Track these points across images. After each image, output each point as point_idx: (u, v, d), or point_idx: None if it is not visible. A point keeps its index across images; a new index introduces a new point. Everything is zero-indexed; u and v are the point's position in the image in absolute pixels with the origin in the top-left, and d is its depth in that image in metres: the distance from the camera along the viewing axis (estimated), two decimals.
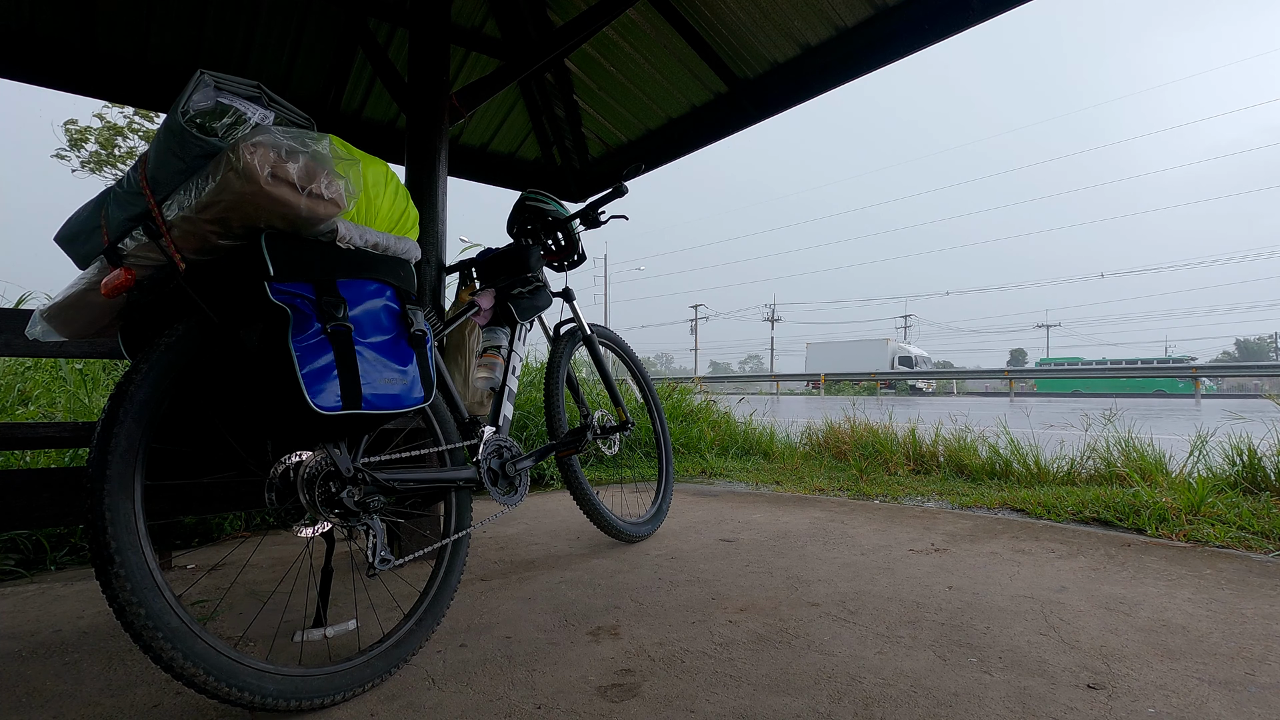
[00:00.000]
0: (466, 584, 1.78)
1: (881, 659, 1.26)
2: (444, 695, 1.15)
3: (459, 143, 3.67)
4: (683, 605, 1.58)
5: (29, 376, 3.18)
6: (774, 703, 1.10)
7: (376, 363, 1.13)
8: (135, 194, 1.08)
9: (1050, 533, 2.24)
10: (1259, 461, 2.63)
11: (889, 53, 2.56)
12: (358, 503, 1.20)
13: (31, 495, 1.44)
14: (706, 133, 3.32)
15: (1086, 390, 21.11)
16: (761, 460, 4.29)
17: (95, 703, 1.14)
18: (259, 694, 1.01)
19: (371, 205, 1.16)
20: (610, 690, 1.16)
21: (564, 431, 2.03)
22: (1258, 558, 1.89)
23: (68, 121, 11.76)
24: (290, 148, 1.00)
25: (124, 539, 0.93)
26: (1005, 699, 1.10)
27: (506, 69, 2.42)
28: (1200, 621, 1.42)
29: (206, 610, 1.60)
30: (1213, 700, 1.09)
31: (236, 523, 2.42)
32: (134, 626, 0.91)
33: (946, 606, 1.54)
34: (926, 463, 3.64)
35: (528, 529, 2.47)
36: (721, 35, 2.90)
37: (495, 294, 1.91)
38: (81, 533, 2.15)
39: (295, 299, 1.03)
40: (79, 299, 1.18)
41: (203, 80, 1.04)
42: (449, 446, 1.54)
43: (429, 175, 2.23)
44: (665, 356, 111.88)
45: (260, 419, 1.10)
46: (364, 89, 3.23)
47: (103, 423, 0.96)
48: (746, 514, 2.66)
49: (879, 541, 2.16)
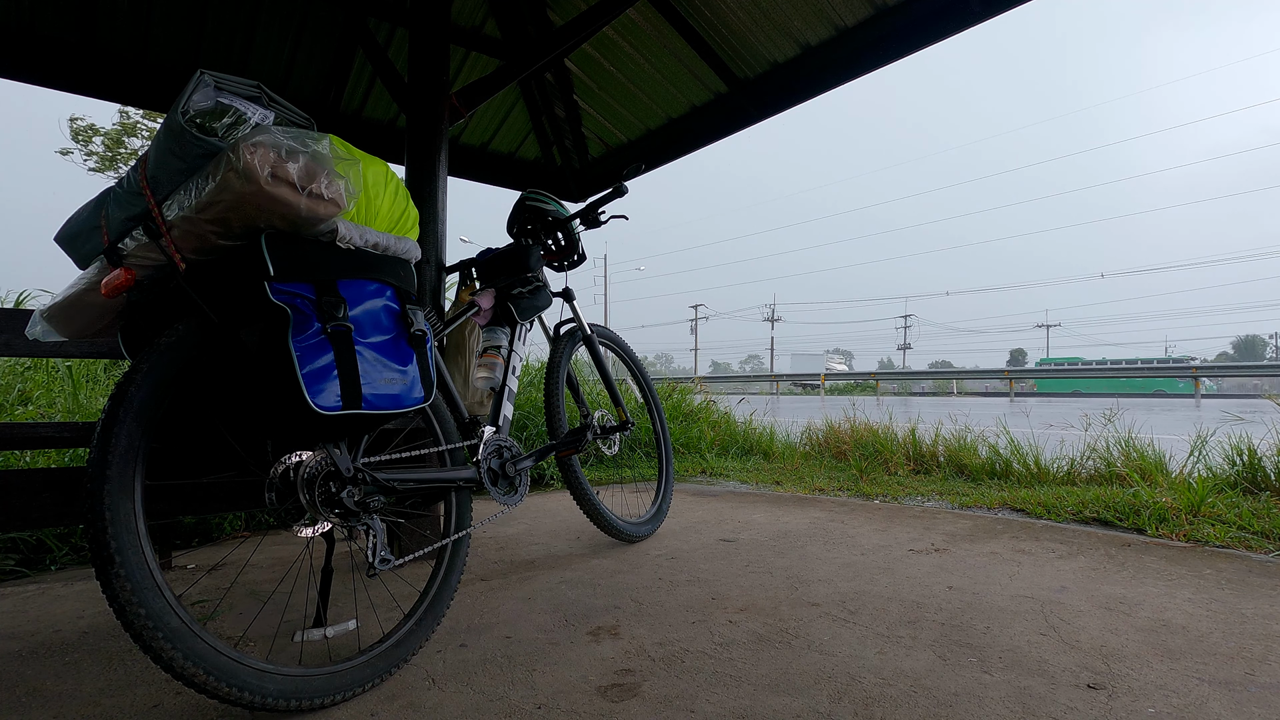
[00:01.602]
0: (467, 584, 1.78)
1: (881, 659, 1.26)
2: (444, 695, 1.15)
3: (459, 142, 3.67)
4: (683, 605, 1.58)
5: (29, 377, 3.18)
6: (774, 703, 1.10)
7: (376, 363, 1.13)
8: (135, 194, 1.08)
9: (1050, 533, 2.24)
10: (1259, 461, 2.63)
11: (889, 53, 2.56)
12: (358, 503, 1.20)
13: (31, 495, 1.44)
14: (706, 133, 3.32)
15: (1086, 390, 21.11)
16: (761, 460, 4.29)
17: (95, 703, 1.14)
18: (259, 694, 1.01)
19: (371, 205, 1.16)
20: (610, 690, 1.16)
21: (564, 431, 2.03)
22: (1258, 558, 1.89)
23: (73, 117, 11.77)
24: (290, 148, 1.00)
25: (124, 539, 0.93)
26: (1005, 699, 1.10)
27: (506, 69, 2.42)
28: (1200, 621, 1.42)
29: (206, 610, 1.60)
30: (1213, 700, 1.09)
31: (236, 523, 2.42)
32: (134, 626, 0.91)
33: (946, 606, 1.54)
34: (926, 463, 3.64)
35: (528, 529, 2.47)
36: (721, 35, 2.90)
37: (495, 294, 1.91)
38: (81, 533, 2.14)
39: (295, 299, 1.03)
40: (79, 299, 1.18)
41: (203, 80, 1.04)
42: (449, 446, 1.54)
43: (429, 175, 2.23)
44: (665, 356, 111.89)
45: (260, 419, 1.10)
46: (364, 89, 3.24)
47: (103, 423, 0.95)
48: (746, 514, 2.66)
49: (879, 541, 2.16)
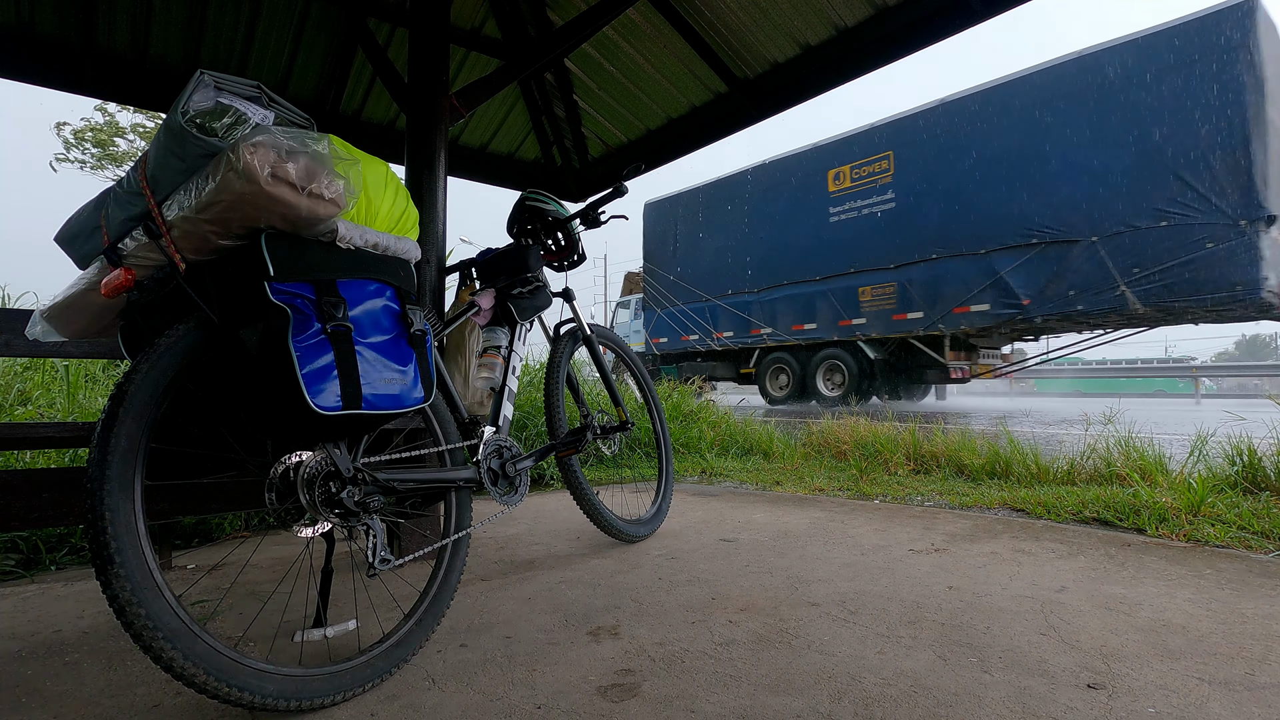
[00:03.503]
0: (466, 584, 1.78)
1: (882, 659, 1.26)
2: (444, 695, 1.15)
3: (459, 143, 3.67)
4: (683, 605, 1.58)
5: (28, 377, 3.18)
6: (774, 703, 1.10)
7: (376, 363, 1.13)
8: (135, 194, 1.08)
9: (1050, 533, 2.24)
10: (1259, 461, 2.63)
11: (889, 52, 2.56)
12: (358, 503, 1.20)
13: (31, 495, 1.44)
14: (706, 133, 3.32)
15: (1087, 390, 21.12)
16: (761, 460, 4.29)
17: (95, 703, 1.14)
18: (259, 694, 1.01)
19: (371, 205, 1.16)
20: (610, 690, 1.16)
21: (564, 431, 2.03)
22: (1258, 558, 1.89)
23: (59, 123, 11.73)
24: (290, 148, 1.00)
25: (124, 539, 0.93)
26: (1005, 699, 1.10)
27: (506, 69, 2.42)
28: (1200, 621, 1.42)
29: (206, 610, 1.60)
30: (1213, 700, 1.09)
31: (236, 523, 2.42)
32: (134, 627, 0.91)
33: (946, 606, 1.54)
34: (926, 463, 3.64)
35: (528, 529, 2.47)
36: (721, 35, 2.90)
37: (495, 294, 1.91)
38: (81, 533, 2.15)
39: (295, 299, 1.03)
40: (79, 299, 1.18)
41: (203, 80, 1.04)
42: (449, 446, 1.54)
43: (429, 175, 2.23)
44: None
45: (260, 419, 1.10)
46: (364, 89, 3.24)
47: (103, 423, 0.95)
48: (746, 514, 2.66)
49: (879, 541, 2.16)
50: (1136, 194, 6.73)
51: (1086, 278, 7.11)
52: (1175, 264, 6.52)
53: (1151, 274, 6.65)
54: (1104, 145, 7.01)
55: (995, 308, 7.94)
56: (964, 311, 8.16)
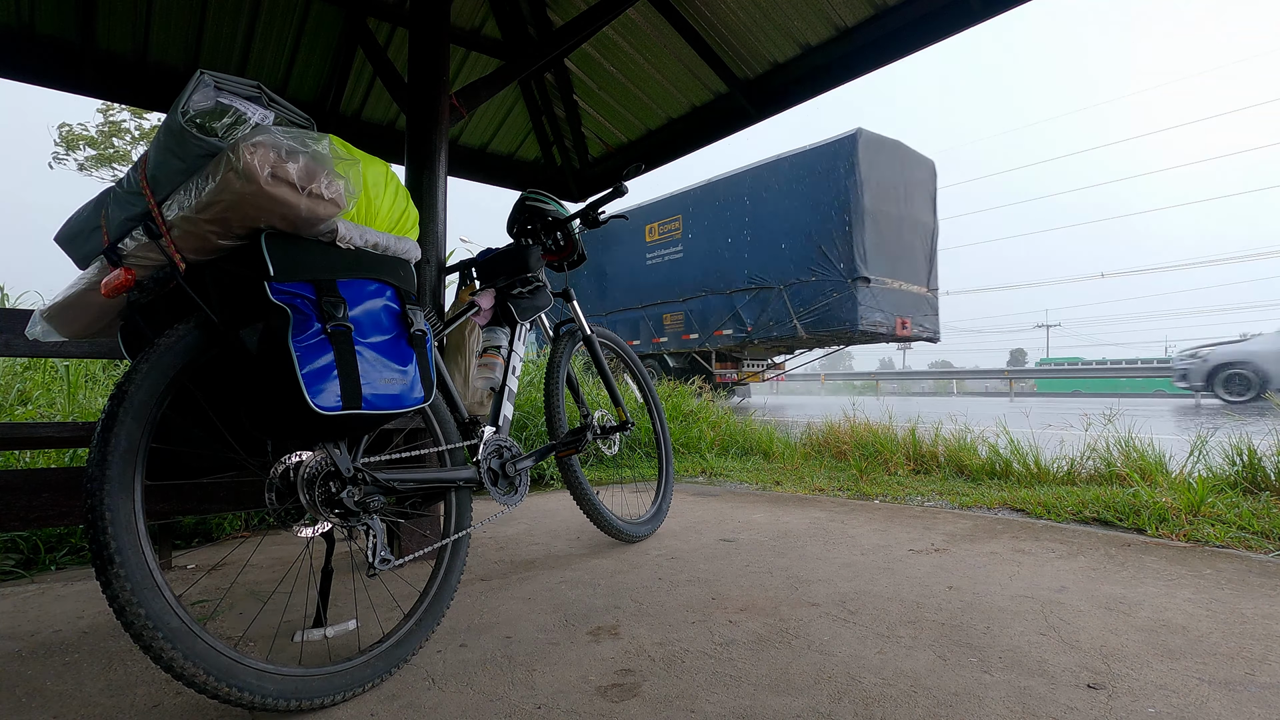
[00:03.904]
0: (466, 584, 1.78)
1: (882, 659, 1.26)
2: (444, 695, 1.15)
3: (459, 143, 3.67)
4: (683, 605, 1.58)
5: (29, 377, 3.18)
6: (774, 703, 1.10)
7: (376, 363, 1.13)
8: (135, 194, 1.08)
9: (1050, 533, 2.24)
10: (1259, 461, 2.63)
11: (889, 52, 2.56)
12: (358, 503, 1.20)
13: (31, 495, 1.44)
14: (706, 133, 3.32)
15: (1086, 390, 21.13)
16: (761, 460, 4.29)
17: (95, 703, 1.14)
18: (259, 694, 1.01)
19: (371, 205, 1.16)
20: (610, 690, 1.16)
21: (564, 431, 2.03)
22: (1258, 558, 1.89)
23: (60, 125, 11.76)
24: (290, 148, 1.00)
25: (124, 539, 0.93)
26: (1005, 699, 1.10)
27: (506, 69, 2.42)
28: (1200, 621, 1.42)
29: (206, 610, 1.60)
30: (1213, 700, 1.09)
31: (236, 523, 2.42)
32: (134, 626, 0.91)
33: (946, 606, 1.54)
34: (926, 463, 3.64)
35: (528, 529, 2.47)
36: (721, 35, 2.90)
37: (495, 294, 1.91)
38: (81, 533, 2.15)
39: (295, 299, 1.03)
40: (79, 299, 1.18)
41: (203, 80, 1.04)
42: (449, 446, 1.54)
43: (429, 175, 2.23)
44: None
45: (260, 419, 1.10)
46: (364, 89, 3.24)
47: (103, 423, 0.95)
48: (746, 514, 2.66)
49: (879, 541, 2.16)
50: (800, 258, 10.05)
51: (778, 314, 10.44)
52: (819, 306, 9.79)
53: (809, 312, 9.95)
54: (784, 223, 10.34)
55: (735, 332, 11.16)
56: (720, 334, 11.43)
